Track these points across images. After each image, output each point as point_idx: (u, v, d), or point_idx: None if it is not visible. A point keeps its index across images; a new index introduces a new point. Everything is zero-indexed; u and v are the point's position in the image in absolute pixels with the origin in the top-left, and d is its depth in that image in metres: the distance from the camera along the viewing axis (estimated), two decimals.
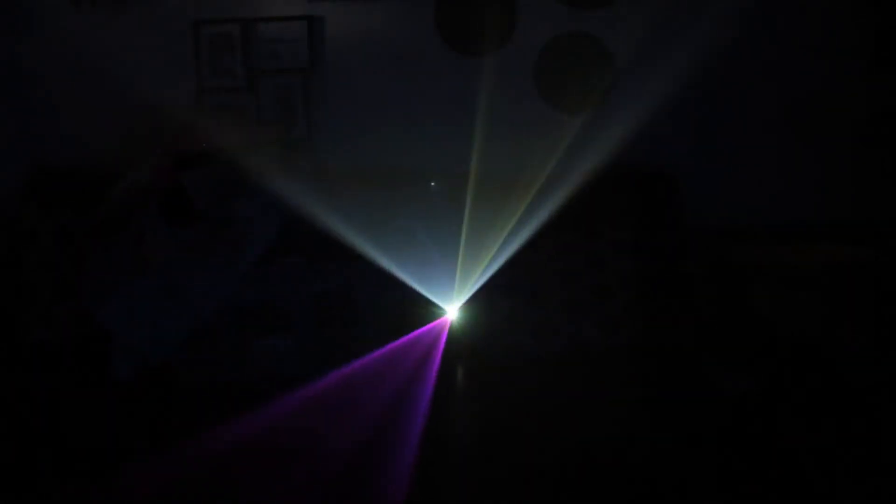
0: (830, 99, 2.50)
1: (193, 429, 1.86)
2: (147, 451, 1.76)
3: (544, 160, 2.63)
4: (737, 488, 1.65)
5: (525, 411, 1.96)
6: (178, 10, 2.65)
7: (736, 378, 2.08)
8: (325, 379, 2.00)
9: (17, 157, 2.75)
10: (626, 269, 2.30)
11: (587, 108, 2.62)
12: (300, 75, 2.63)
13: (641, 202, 2.42)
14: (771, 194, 2.57)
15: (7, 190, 2.66)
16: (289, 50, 2.62)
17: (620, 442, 1.79)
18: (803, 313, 2.22)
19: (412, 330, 2.24)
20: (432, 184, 2.53)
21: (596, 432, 1.84)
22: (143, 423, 1.95)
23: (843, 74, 2.50)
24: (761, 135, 2.56)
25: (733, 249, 2.41)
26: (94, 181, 2.44)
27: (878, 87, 2.48)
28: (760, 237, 2.47)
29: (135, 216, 2.15)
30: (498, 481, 1.69)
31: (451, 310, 2.25)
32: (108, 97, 2.74)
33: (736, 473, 1.69)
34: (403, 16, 2.61)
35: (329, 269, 2.21)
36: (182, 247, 2.12)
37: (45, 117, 2.78)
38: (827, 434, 1.81)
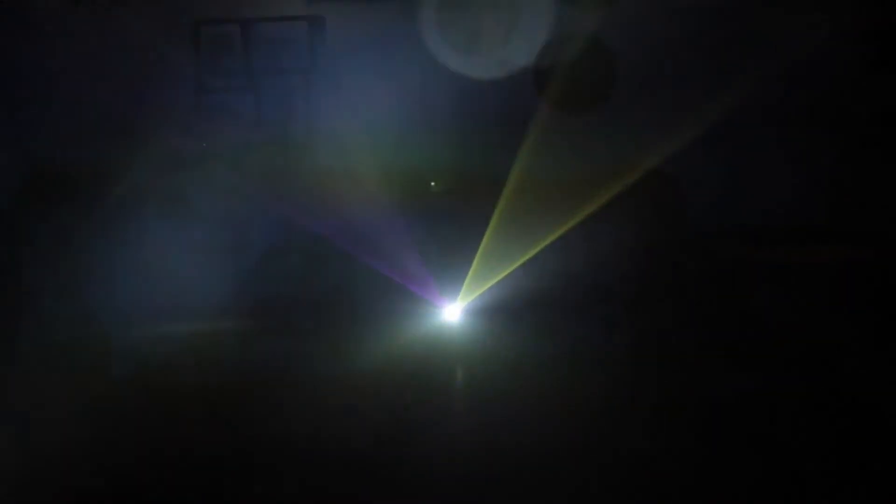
0: (830, 100, 2.50)
1: (193, 428, 1.86)
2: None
3: (545, 161, 2.63)
4: (738, 487, 1.65)
5: (525, 410, 1.96)
6: (178, 10, 2.65)
7: (737, 377, 2.08)
8: None
9: (16, 156, 2.75)
10: (626, 269, 2.30)
11: (588, 109, 2.61)
12: (300, 75, 2.62)
13: (643, 202, 2.42)
14: (771, 195, 2.57)
15: (7, 190, 2.66)
16: (289, 50, 2.62)
17: (621, 441, 1.79)
18: (803, 313, 2.22)
19: (412, 330, 2.25)
20: (432, 184, 2.53)
21: (596, 431, 1.84)
22: (142, 423, 1.95)
23: (843, 76, 2.50)
24: (762, 135, 2.56)
25: (733, 249, 2.41)
26: (94, 181, 2.44)
27: (878, 88, 2.48)
28: (761, 237, 2.46)
29: (135, 216, 2.15)
30: (497, 479, 1.69)
31: (452, 310, 2.25)
32: (108, 97, 2.74)
33: (736, 472, 1.69)
34: (403, 16, 2.61)
35: (329, 269, 2.21)
36: (182, 246, 2.12)
37: (45, 117, 2.78)
38: (828, 433, 1.81)
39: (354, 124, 2.65)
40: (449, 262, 2.27)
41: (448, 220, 2.32)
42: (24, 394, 2.02)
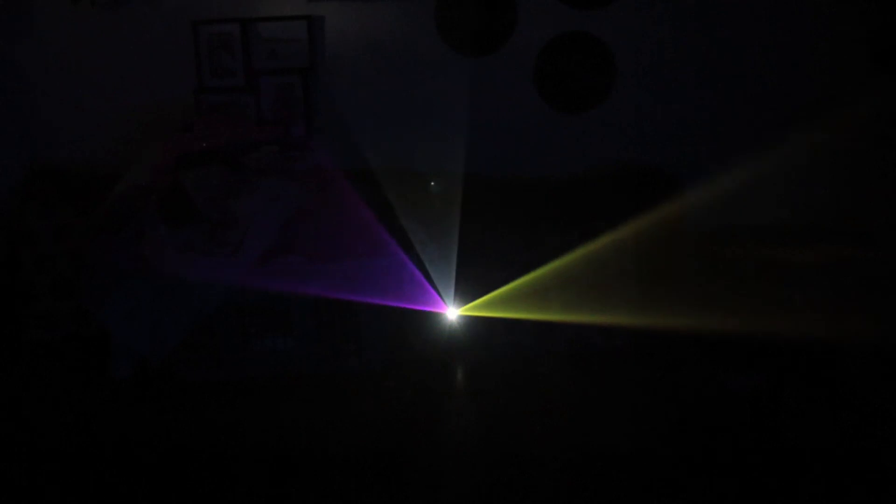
0: (830, 99, 2.50)
1: (193, 428, 1.86)
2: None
3: (544, 160, 2.63)
4: (737, 486, 1.65)
5: (525, 411, 1.96)
6: (178, 10, 2.65)
7: (736, 377, 2.08)
8: None
9: (16, 156, 2.75)
10: (625, 269, 2.30)
11: (587, 108, 2.61)
12: (300, 75, 2.62)
13: (641, 202, 2.41)
14: (770, 194, 2.57)
15: (6, 190, 2.66)
16: (289, 50, 2.61)
17: (621, 442, 1.79)
18: (803, 313, 2.22)
19: (412, 330, 2.25)
20: (432, 184, 2.53)
21: (596, 431, 1.84)
22: (143, 423, 1.95)
23: (844, 75, 2.50)
24: (761, 134, 2.56)
25: (733, 249, 2.41)
26: (94, 181, 2.44)
27: (878, 87, 2.48)
28: (760, 237, 2.46)
29: (135, 216, 2.14)
30: (497, 479, 1.69)
31: (452, 309, 2.25)
32: (108, 97, 2.74)
33: (736, 471, 1.69)
34: (403, 16, 2.61)
35: (329, 269, 2.21)
36: (182, 247, 2.11)
37: (45, 117, 2.78)
38: (828, 432, 1.81)
39: (354, 123, 2.65)
40: (446, 260, 2.27)
41: (446, 221, 2.32)
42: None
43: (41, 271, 2.41)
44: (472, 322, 2.25)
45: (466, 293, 2.26)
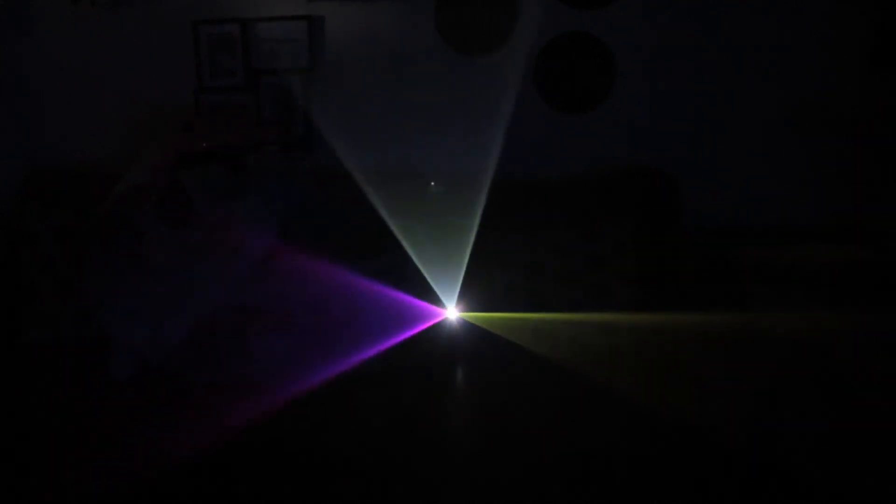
0: (829, 99, 2.50)
1: (192, 429, 1.86)
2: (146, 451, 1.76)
3: (544, 160, 2.63)
4: (737, 488, 1.65)
5: (525, 411, 1.96)
6: (178, 10, 2.65)
7: (732, 378, 2.08)
8: None
9: (15, 156, 2.76)
10: (626, 269, 2.30)
11: (587, 108, 2.62)
12: (300, 75, 2.63)
13: (641, 202, 2.42)
14: (770, 194, 2.57)
15: (6, 190, 2.66)
16: (289, 50, 2.62)
17: (620, 442, 1.79)
18: (803, 313, 2.22)
19: (412, 330, 2.25)
20: (432, 184, 2.53)
21: (596, 432, 1.84)
22: (142, 424, 1.95)
23: (843, 74, 2.50)
24: (761, 134, 2.56)
25: (733, 249, 2.41)
26: (93, 181, 2.44)
27: (878, 87, 2.48)
28: (760, 237, 2.46)
29: (135, 216, 2.14)
30: (497, 480, 1.69)
31: (451, 310, 2.25)
32: (108, 97, 2.74)
33: (736, 473, 1.69)
34: (403, 16, 2.61)
35: (329, 269, 2.21)
36: (182, 247, 2.11)
37: (45, 117, 2.78)
38: (827, 434, 1.81)
39: (354, 124, 2.65)
40: (446, 261, 2.27)
41: (446, 222, 2.32)
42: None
43: (41, 272, 2.41)
44: (472, 323, 2.25)
45: (466, 294, 2.26)
